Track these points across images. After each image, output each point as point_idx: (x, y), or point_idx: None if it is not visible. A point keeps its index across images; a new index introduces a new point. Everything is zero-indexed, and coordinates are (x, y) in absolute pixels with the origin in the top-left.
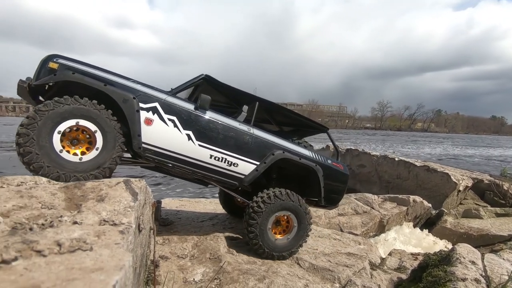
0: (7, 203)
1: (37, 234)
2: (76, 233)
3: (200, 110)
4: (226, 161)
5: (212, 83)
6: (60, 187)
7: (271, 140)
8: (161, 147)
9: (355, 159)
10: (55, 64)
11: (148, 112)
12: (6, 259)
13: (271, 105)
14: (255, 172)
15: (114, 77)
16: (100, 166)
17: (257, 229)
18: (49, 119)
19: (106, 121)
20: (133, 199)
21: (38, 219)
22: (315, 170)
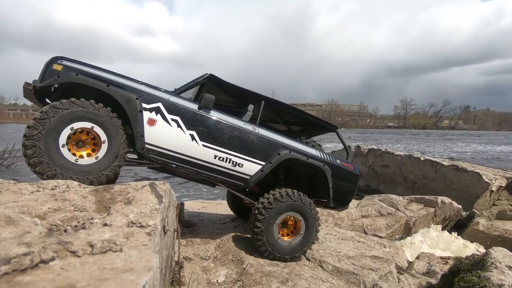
0: (43, 206)
1: (71, 236)
2: (106, 234)
3: (204, 110)
4: (230, 161)
5: (217, 82)
6: (90, 190)
7: (277, 139)
8: (165, 148)
9: (378, 159)
10: (59, 66)
11: (151, 113)
12: (44, 259)
13: (278, 104)
14: (260, 173)
15: (117, 78)
16: (102, 170)
17: (263, 231)
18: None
19: (115, 128)
20: (158, 201)
21: (72, 221)
22: (323, 170)
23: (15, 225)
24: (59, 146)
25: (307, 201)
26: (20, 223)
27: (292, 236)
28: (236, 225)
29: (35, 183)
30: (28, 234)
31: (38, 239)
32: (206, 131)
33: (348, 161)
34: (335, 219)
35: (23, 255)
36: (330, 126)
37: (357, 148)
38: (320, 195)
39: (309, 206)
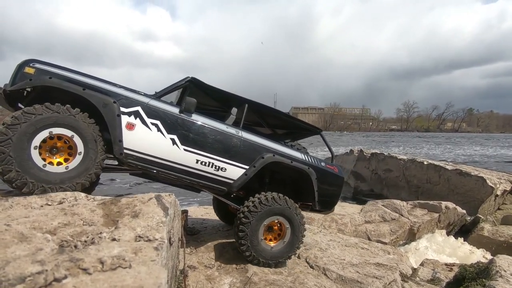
0: (53, 221)
1: (82, 252)
2: (115, 250)
3: (185, 114)
4: (213, 165)
5: (199, 85)
6: (98, 204)
7: (260, 143)
8: (144, 153)
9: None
10: (32, 69)
11: (129, 117)
12: (57, 278)
13: (261, 107)
14: (244, 177)
15: (93, 81)
16: (84, 174)
17: (248, 235)
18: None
19: (87, 130)
20: (165, 214)
21: (81, 236)
22: (307, 173)
23: (28, 242)
24: (30, 154)
25: (292, 204)
26: (33, 239)
27: (277, 241)
28: None
29: (44, 196)
30: (41, 251)
31: (50, 257)
32: (187, 135)
33: (333, 163)
34: (339, 225)
35: (37, 274)
36: (314, 129)
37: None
38: (306, 198)
39: (295, 210)
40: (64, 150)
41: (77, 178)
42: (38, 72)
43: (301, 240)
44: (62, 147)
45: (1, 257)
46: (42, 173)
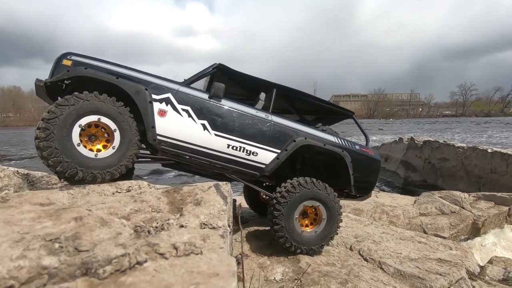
0: (126, 207)
1: (156, 237)
2: (185, 236)
3: (214, 99)
4: (244, 150)
5: (226, 71)
6: (162, 192)
7: (292, 126)
8: (176, 138)
9: (435, 152)
10: (69, 61)
11: (161, 103)
12: (139, 261)
13: (290, 91)
14: (276, 161)
15: (125, 70)
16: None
17: (283, 221)
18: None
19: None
20: (224, 202)
21: (152, 222)
22: (342, 157)
23: (108, 226)
24: (73, 143)
25: (325, 188)
26: (112, 224)
27: (314, 226)
28: None
29: (114, 184)
30: (120, 235)
31: (130, 241)
32: (217, 120)
33: (368, 147)
34: (390, 217)
35: (122, 256)
36: (346, 112)
37: (410, 140)
38: (341, 183)
39: (328, 192)
40: (102, 137)
41: (108, 167)
42: (75, 63)
43: (338, 225)
44: (100, 135)
45: (88, 239)
46: (88, 160)
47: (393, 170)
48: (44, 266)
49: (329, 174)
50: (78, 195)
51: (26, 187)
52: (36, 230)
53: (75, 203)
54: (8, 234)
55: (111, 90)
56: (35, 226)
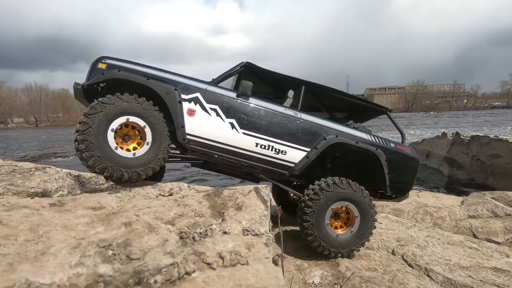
0: (170, 212)
1: (201, 245)
2: (229, 244)
3: (242, 97)
4: (273, 148)
5: (254, 70)
6: (203, 195)
7: (322, 124)
8: (205, 137)
9: (485, 148)
10: (103, 65)
11: (190, 103)
12: (188, 271)
13: (319, 88)
14: (306, 159)
15: (156, 72)
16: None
17: (313, 224)
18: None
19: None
20: (265, 207)
21: (195, 227)
22: (376, 155)
23: (156, 233)
24: (111, 147)
25: (357, 187)
26: (159, 230)
27: (346, 228)
28: None
29: (156, 187)
30: (167, 242)
31: (177, 248)
32: (245, 118)
33: (405, 144)
34: (434, 219)
35: (171, 266)
36: (379, 108)
37: (456, 135)
38: (375, 184)
39: (361, 193)
40: (134, 136)
41: (148, 163)
42: (109, 67)
43: (374, 219)
44: (132, 134)
45: (138, 246)
46: (129, 160)
47: (435, 168)
48: (100, 274)
49: (363, 173)
50: (125, 198)
51: (77, 188)
52: (90, 236)
53: (123, 207)
54: (66, 239)
55: (143, 91)
56: (89, 231)
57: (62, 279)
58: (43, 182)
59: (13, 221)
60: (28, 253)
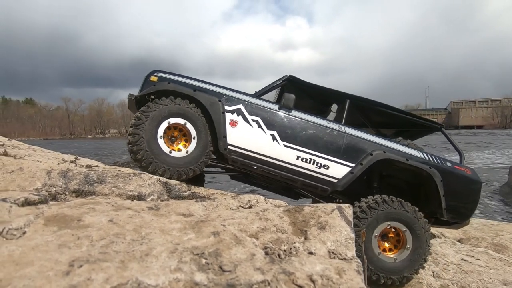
0: (253, 225)
1: (288, 264)
2: (318, 267)
3: (284, 109)
4: (315, 162)
5: (297, 83)
6: (284, 211)
7: (368, 138)
8: (246, 148)
9: None
10: (155, 77)
11: (232, 114)
12: None
13: (365, 102)
14: (350, 175)
15: (201, 84)
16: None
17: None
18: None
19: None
20: (351, 229)
21: (279, 244)
22: (430, 174)
23: (242, 245)
24: (157, 137)
25: (410, 208)
26: (245, 243)
27: (396, 251)
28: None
29: (236, 198)
30: (255, 257)
31: (265, 265)
32: (287, 131)
33: (464, 165)
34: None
35: (261, 283)
36: (432, 125)
37: None
38: (429, 207)
39: (414, 214)
40: (181, 138)
41: (192, 164)
42: (160, 79)
43: (428, 250)
44: (178, 135)
45: (228, 258)
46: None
47: None
48: (196, 282)
49: (414, 195)
50: (210, 207)
51: (165, 194)
52: (184, 242)
53: (209, 216)
54: (165, 243)
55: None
56: (182, 237)
57: (164, 282)
58: (139, 187)
59: (121, 221)
60: (135, 253)
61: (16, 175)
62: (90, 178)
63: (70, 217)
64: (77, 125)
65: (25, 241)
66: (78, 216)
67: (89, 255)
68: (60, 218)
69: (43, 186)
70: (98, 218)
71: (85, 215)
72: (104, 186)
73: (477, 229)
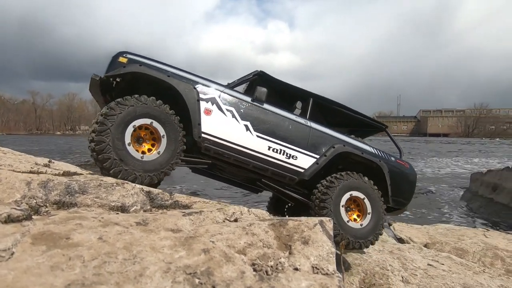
0: (240, 240)
1: (276, 281)
2: (303, 283)
3: (257, 102)
4: (285, 153)
5: (266, 79)
6: (268, 224)
7: (330, 133)
8: (220, 137)
9: None
10: (124, 59)
11: (207, 103)
12: None
13: (325, 101)
14: (315, 166)
15: (175, 70)
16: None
17: (332, 211)
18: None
19: (173, 125)
20: (332, 243)
21: (266, 259)
22: (379, 166)
23: (232, 263)
24: (125, 142)
25: (367, 180)
26: (235, 260)
27: (361, 218)
28: (381, 250)
29: (221, 210)
30: (244, 275)
31: (255, 283)
32: (260, 122)
33: (403, 159)
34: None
35: None
36: (379, 126)
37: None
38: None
39: (369, 184)
40: (148, 138)
41: (164, 166)
42: (130, 61)
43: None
44: (146, 135)
45: (219, 277)
46: (136, 161)
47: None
48: None
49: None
50: (197, 221)
51: (148, 203)
52: (176, 260)
53: (197, 231)
54: (157, 262)
55: (157, 91)
56: (174, 255)
57: None
58: (122, 197)
59: (111, 238)
60: (128, 273)
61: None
62: (71, 188)
63: (58, 235)
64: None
65: (16, 263)
66: (66, 233)
67: (84, 278)
68: (47, 236)
69: (22, 198)
70: (87, 236)
71: (73, 232)
72: (86, 196)
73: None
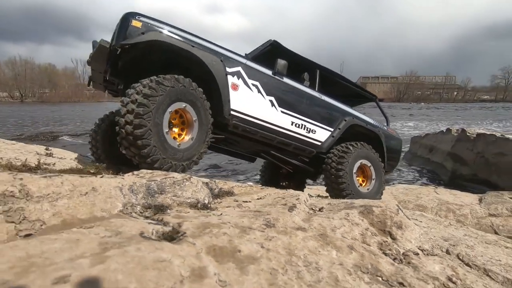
0: (353, 232)
1: (411, 266)
2: (437, 267)
3: (278, 75)
4: (305, 127)
5: (279, 49)
6: (358, 213)
7: (341, 106)
8: (248, 114)
9: (490, 146)
10: (139, 23)
11: (233, 77)
12: None
13: (330, 73)
14: (331, 138)
15: (197, 39)
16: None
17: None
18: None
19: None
20: (418, 227)
21: (386, 247)
22: (378, 135)
23: (380, 257)
24: (163, 128)
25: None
26: (377, 253)
27: (367, 184)
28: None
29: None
30: (396, 265)
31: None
32: (283, 97)
33: (390, 127)
34: (457, 216)
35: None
36: (370, 96)
37: (461, 132)
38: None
39: (374, 152)
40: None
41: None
42: (145, 26)
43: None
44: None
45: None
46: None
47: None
48: None
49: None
50: (298, 215)
51: (211, 196)
52: (342, 261)
53: (316, 227)
54: (332, 265)
55: (170, 62)
56: (331, 254)
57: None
58: (194, 192)
59: (270, 246)
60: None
61: (93, 197)
62: (151, 189)
63: (226, 248)
64: None
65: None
66: (234, 246)
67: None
68: (217, 250)
69: (124, 206)
70: (250, 246)
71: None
72: (165, 196)
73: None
